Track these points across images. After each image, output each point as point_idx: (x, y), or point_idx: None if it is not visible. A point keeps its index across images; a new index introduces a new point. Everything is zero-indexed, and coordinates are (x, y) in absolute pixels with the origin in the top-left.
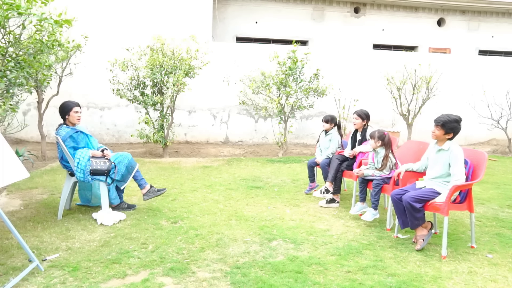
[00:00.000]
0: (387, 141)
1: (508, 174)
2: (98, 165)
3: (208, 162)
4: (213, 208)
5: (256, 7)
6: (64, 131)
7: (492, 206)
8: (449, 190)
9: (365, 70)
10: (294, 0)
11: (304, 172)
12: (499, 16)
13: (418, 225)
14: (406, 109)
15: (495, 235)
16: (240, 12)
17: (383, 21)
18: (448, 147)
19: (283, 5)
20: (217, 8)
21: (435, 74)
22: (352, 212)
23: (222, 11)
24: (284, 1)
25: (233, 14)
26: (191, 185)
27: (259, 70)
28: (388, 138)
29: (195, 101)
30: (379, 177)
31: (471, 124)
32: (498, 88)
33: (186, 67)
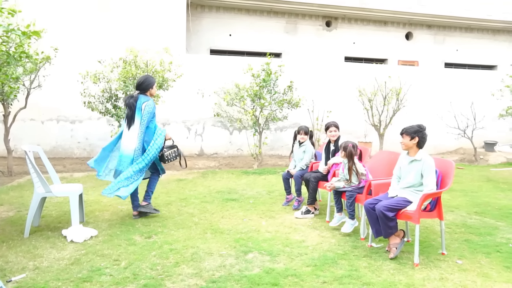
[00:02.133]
0: (348, 152)
1: (475, 182)
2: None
3: (183, 175)
4: (188, 221)
5: (230, 20)
6: (152, 103)
7: (460, 213)
8: (420, 198)
9: (337, 82)
10: (267, 13)
11: (280, 184)
12: (462, 30)
13: (391, 233)
14: (377, 120)
15: (464, 242)
16: (214, 24)
17: (354, 34)
18: (420, 158)
19: (257, 18)
20: (191, 20)
21: (404, 86)
22: (332, 224)
23: (196, 23)
24: (257, 14)
25: (207, 26)
26: (166, 198)
27: (234, 82)
28: (349, 150)
29: (169, 113)
30: (351, 188)
31: (439, 134)
32: (463, 99)
33: (159, 79)
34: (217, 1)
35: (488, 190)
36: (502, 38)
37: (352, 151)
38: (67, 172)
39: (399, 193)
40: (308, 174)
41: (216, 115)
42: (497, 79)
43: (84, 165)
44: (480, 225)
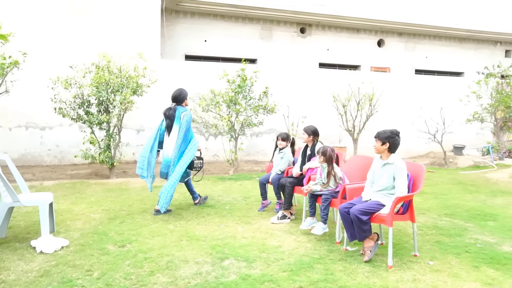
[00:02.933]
0: (328, 156)
1: (445, 185)
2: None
3: (158, 182)
4: (163, 229)
5: (205, 26)
6: (189, 113)
7: (431, 215)
8: (392, 202)
9: (312, 88)
10: (242, 19)
11: (256, 189)
12: (431, 38)
13: (365, 237)
14: (351, 125)
15: (435, 243)
16: (189, 30)
17: (328, 41)
18: (392, 161)
19: (232, 24)
20: (166, 26)
21: (377, 91)
22: (302, 227)
23: (171, 29)
24: (233, 20)
25: (182, 32)
26: (140, 206)
27: (209, 88)
28: (329, 154)
29: (143, 119)
30: (327, 191)
31: (411, 138)
32: (433, 104)
33: (133, 85)
34: (192, 7)
35: (457, 192)
36: (468, 46)
37: (332, 155)
38: (36, 180)
39: (372, 197)
40: (284, 179)
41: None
42: (464, 86)
43: (54, 173)
44: (450, 226)
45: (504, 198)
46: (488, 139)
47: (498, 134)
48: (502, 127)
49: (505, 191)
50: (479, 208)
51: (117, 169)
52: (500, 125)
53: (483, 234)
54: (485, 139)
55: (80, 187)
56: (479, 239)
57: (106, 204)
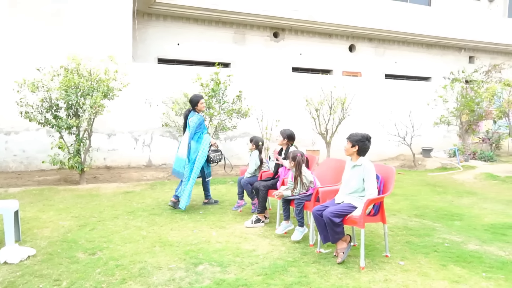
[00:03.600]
0: (297, 162)
1: (415, 186)
2: (215, 156)
3: (130, 187)
4: (136, 235)
5: (178, 29)
6: (196, 117)
7: (402, 217)
8: (364, 204)
9: (285, 92)
10: (216, 23)
11: (230, 193)
12: (400, 44)
13: (338, 239)
14: (324, 129)
15: (405, 243)
16: (161, 33)
17: (301, 45)
18: (361, 163)
19: (206, 27)
20: (138, 29)
21: (348, 95)
22: (278, 232)
23: (143, 32)
24: (206, 24)
25: (154, 35)
26: (112, 212)
27: (182, 91)
28: (298, 159)
29: (115, 123)
30: (299, 195)
31: (381, 141)
32: (402, 108)
33: (104, 88)
34: (165, 10)
35: (426, 193)
36: (435, 52)
37: (300, 161)
38: (1, 187)
39: (344, 199)
40: (258, 183)
41: (164, 125)
42: (432, 90)
43: (20, 179)
44: (420, 227)
45: (469, 198)
46: (454, 142)
47: (463, 137)
48: (467, 130)
49: (470, 191)
50: (446, 208)
51: (88, 175)
52: (465, 128)
53: (450, 234)
54: (452, 141)
55: (48, 194)
56: (447, 239)
57: (75, 210)
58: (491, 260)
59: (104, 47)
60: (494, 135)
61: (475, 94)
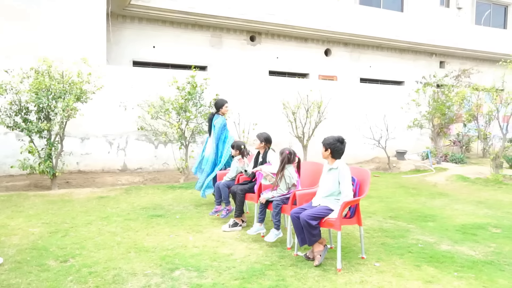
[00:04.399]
0: (282, 158)
1: (390, 188)
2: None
3: (104, 192)
4: (110, 241)
5: (154, 32)
6: (220, 120)
7: (377, 218)
8: (340, 206)
9: (262, 95)
10: (192, 26)
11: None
12: (374, 49)
13: (315, 241)
14: (301, 132)
15: (381, 245)
16: (137, 36)
17: (277, 49)
18: (337, 166)
19: (182, 30)
20: (112, 31)
21: (325, 99)
22: (250, 233)
23: (118, 34)
24: (182, 27)
25: (129, 37)
26: (85, 218)
27: (158, 95)
28: (284, 156)
29: (88, 127)
30: (279, 197)
31: (357, 144)
32: (377, 111)
33: (77, 91)
34: (140, 12)
35: (400, 195)
36: (408, 57)
37: (286, 157)
38: None
39: (321, 202)
40: (235, 186)
41: (140, 128)
42: (405, 94)
43: None
44: (395, 228)
45: (441, 200)
46: (427, 145)
47: (435, 140)
48: (439, 133)
49: (443, 193)
50: (420, 210)
51: (60, 180)
52: (437, 131)
53: (423, 235)
54: (424, 144)
55: (17, 200)
56: (420, 240)
57: (46, 217)
58: (462, 260)
59: (77, 49)
60: (464, 138)
61: (446, 98)
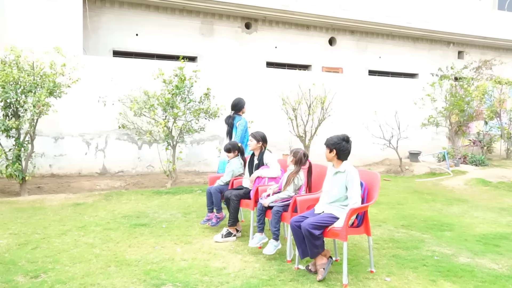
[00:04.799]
0: (298, 158)
1: (401, 194)
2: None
3: (81, 198)
4: (87, 254)
5: (136, 18)
6: (244, 121)
7: (388, 227)
8: (346, 214)
9: (259, 90)
10: (180, 12)
11: (197, 204)
12: (384, 37)
13: (317, 253)
14: (302, 131)
15: (392, 257)
16: (117, 22)
17: (276, 38)
18: (344, 169)
19: (168, 17)
20: (89, 16)
21: (329, 94)
22: (251, 245)
23: (95, 20)
24: (168, 12)
25: (108, 24)
26: (59, 227)
27: (142, 89)
28: (300, 156)
29: (62, 125)
30: (280, 203)
31: (365, 144)
32: (387, 108)
33: (50, 84)
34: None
35: (413, 201)
36: (421, 46)
37: (302, 158)
38: None
39: (325, 209)
40: (229, 192)
41: (121, 126)
42: (419, 88)
43: None
44: (407, 238)
45: (459, 206)
46: (443, 145)
47: (453, 139)
48: (457, 132)
49: (461, 199)
50: (435, 217)
51: (30, 184)
52: (455, 129)
53: (440, 246)
54: (441, 144)
55: None
56: (436, 251)
57: (15, 226)
58: (483, 274)
59: (50, 37)
60: (486, 137)
61: (465, 93)
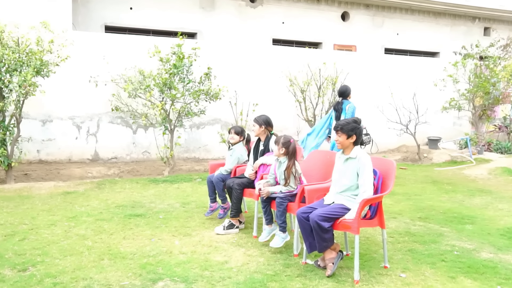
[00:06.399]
0: (291, 149)
1: (419, 184)
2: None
3: (71, 186)
4: (79, 246)
5: None
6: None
7: (403, 220)
8: (359, 204)
9: (264, 69)
10: None
11: (197, 193)
12: (402, 12)
13: (326, 247)
14: (311, 114)
15: (407, 252)
16: None
17: (283, 13)
18: (355, 155)
19: None
20: None
21: (341, 74)
22: (262, 240)
23: None
24: None
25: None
26: (48, 218)
27: (137, 68)
28: (293, 146)
29: (51, 107)
30: (283, 194)
31: (380, 130)
32: (405, 89)
33: (36, 62)
34: None
35: (432, 192)
36: (443, 22)
37: (295, 147)
38: None
39: (335, 199)
40: (231, 180)
41: (114, 109)
42: (440, 68)
43: None
44: (424, 232)
45: (482, 198)
46: (465, 130)
47: (476, 125)
48: (481, 116)
49: (484, 189)
50: (456, 209)
51: (16, 171)
52: (478, 114)
53: (460, 240)
54: (463, 130)
55: None
56: (456, 246)
57: (0, 216)
58: (507, 271)
59: (36, 11)
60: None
61: (491, 73)
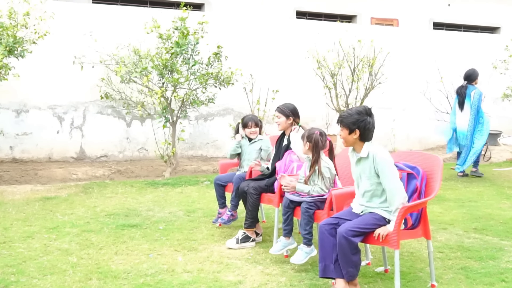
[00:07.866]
0: (314, 142)
1: (474, 187)
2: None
3: (52, 190)
4: (61, 263)
5: None
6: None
7: (456, 231)
8: (397, 213)
9: (286, 48)
10: None
11: (204, 199)
12: None
13: (354, 275)
14: (344, 103)
15: (460, 270)
16: None
17: None
18: (367, 154)
19: None
20: None
21: (380, 54)
22: (274, 252)
23: None
24: None
25: None
26: (23, 229)
27: (131, 46)
28: (316, 138)
29: (27, 94)
30: (311, 198)
31: (427, 121)
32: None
33: (9, 40)
34: None
35: (490, 198)
36: None
37: (319, 140)
38: None
39: (364, 208)
40: (246, 183)
41: (104, 97)
42: (501, 46)
43: None
44: (481, 246)
45: None
46: None
47: None
48: None
49: None
50: None
51: None
52: None
53: None
54: None
55: None
56: None
57: None
58: None
59: None
60: None
61: None
